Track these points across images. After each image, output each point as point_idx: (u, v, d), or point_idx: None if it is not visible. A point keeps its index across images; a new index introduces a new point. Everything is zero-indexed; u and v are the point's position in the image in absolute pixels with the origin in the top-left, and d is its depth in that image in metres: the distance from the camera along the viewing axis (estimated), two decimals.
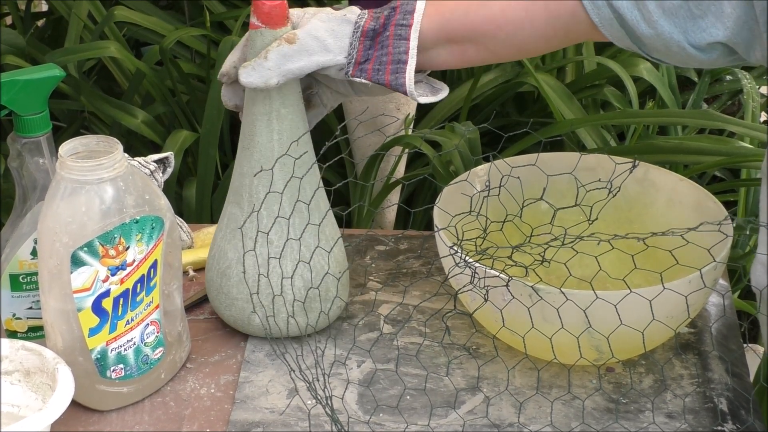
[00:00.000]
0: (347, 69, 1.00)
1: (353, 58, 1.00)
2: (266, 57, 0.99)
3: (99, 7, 1.99)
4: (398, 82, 0.99)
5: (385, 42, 1.00)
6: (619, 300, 0.93)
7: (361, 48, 1.00)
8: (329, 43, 1.00)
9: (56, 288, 0.97)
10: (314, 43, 1.00)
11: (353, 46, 1.00)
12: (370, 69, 1.00)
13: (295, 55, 0.99)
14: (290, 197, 1.05)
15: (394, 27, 1.00)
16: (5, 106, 1.01)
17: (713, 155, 1.76)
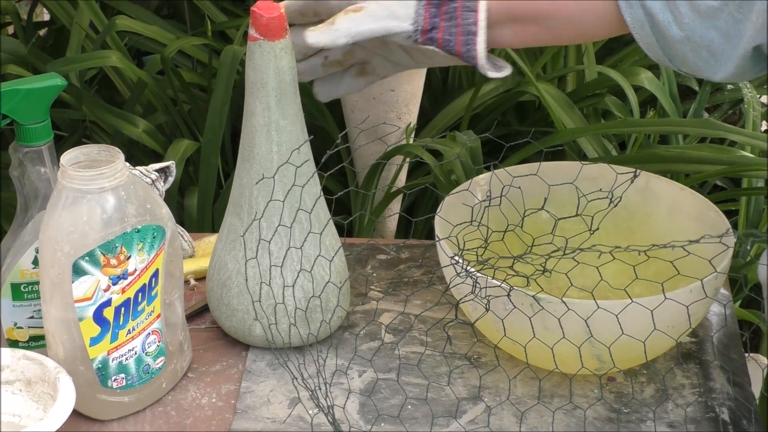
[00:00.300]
0: (416, 36, 1.00)
1: (420, 26, 1.00)
2: (333, 22, 1.00)
3: (101, 16, 1.99)
4: (470, 54, 0.99)
5: (453, 13, 0.99)
6: (621, 310, 0.93)
7: (427, 16, 1.00)
8: (395, 9, 1.00)
9: (57, 297, 0.97)
10: (381, 9, 1.00)
11: (419, 14, 1.00)
12: (441, 38, 1.00)
13: (362, 19, 1.00)
14: (290, 207, 1.05)
15: (462, 6, 1.00)
16: (7, 115, 1.01)
17: (714, 164, 1.76)
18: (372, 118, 1.79)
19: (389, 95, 1.78)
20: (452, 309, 1.10)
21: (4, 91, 1.01)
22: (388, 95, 1.78)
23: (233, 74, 1.81)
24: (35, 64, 1.96)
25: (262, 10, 1.01)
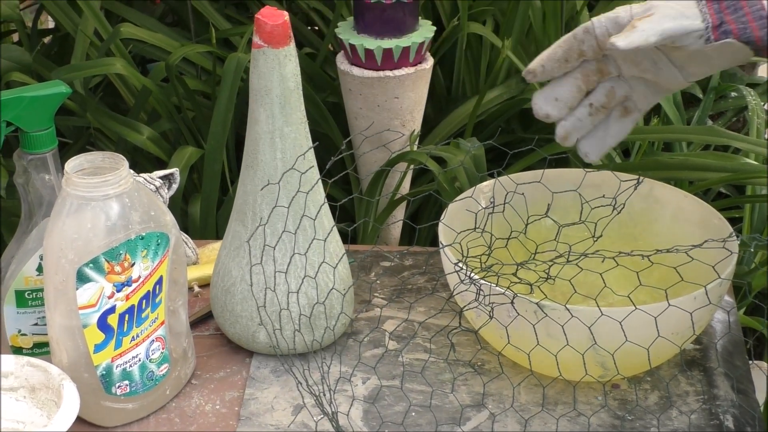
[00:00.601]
0: (707, 34, 0.97)
1: (709, 23, 0.97)
2: (634, 26, 0.97)
3: (105, 24, 1.99)
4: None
5: (736, 5, 0.96)
6: (624, 317, 0.93)
7: (712, 12, 0.97)
8: (683, 10, 0.97)
9: (62, 304, 0.97)
10: (671, 10, 0.97)
11: (704, 12, 0.97)
12: (735, 29, 0.96)
13: (659, 20, 0.97)
14: (294, 214, 1.05)
15: None
16: (11, 123, 1.02)
17: (718, 171, 1.75)
18: (376, 125, 1.79)
19: (393, 102, 1.78)
20: (456, 316, 1.10)
21: (8, 99, 1.01)
22: (392, 102, 1.78)
23: (237, 81, 1.81)
24: (40, 72, 1.96)
25: (266, 18, 1.01)
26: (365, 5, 1.75)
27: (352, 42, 1.76)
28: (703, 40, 0.97)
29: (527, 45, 2.04)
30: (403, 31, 1.77)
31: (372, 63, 1.76)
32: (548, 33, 2.01)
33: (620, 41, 0.96)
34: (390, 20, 1.75)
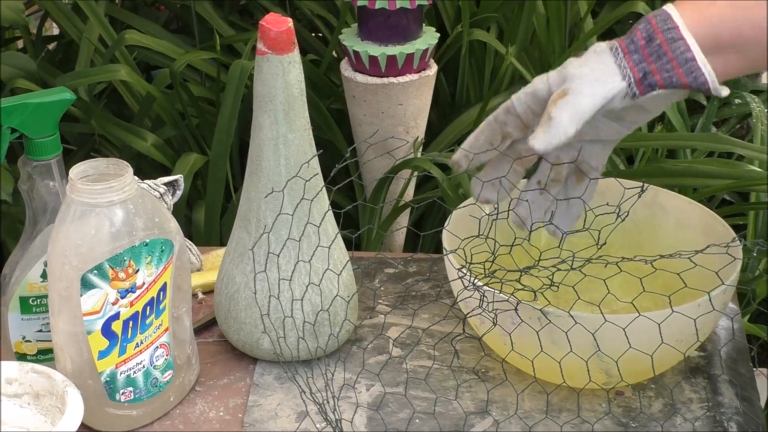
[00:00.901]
0: (633, 90, 0.92)
1: (631, 79, 0.92)
2: (550, 117, 0.92)
3: (110, 30, 2.00)
4: (699, 80, 0.91)
5: (659, 50, 0.92)
6: (628, 323, 0.93)
7: (632, 65, 0.92)
8: (598, 75, 0.93)
9: (66, 311, 0.97)
10: (585, 83, 0.93)
11: (623, 68, 0.93)
12: (660, 78, 0.92)
13: (575, 99, 0.92)
14: (299, 220, 1.05)
15: (661, 33, 0.92)
16: (16, 129, 1.02)
17: (722, 179, 1.75)
18: (380, 132, 1.80)
19: (397, 109, 1.79)
20: (460, 323, 1.10)
21: (13, 105, 1.01)
22: (396, 109, 1.79)
23: (241, 88, 1.81)
24: (44, 79, 1.97)
25: (270, 24, 1.02)
26: (369, 12, 1.75)
27: (356, 49, 1.77)
28: (629, 97, 0.93)
29: (531, 51, 2.04)
30: (407, 37, 1.77)
31: (376, 70, 1.76)
32: (552, 39, 2.01)
33: (538, 143, 0.92)
34: (394, 27, 1.76)
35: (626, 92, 0.93)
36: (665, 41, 0.92)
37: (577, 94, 0.92)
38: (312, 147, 1.06)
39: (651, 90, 0.93)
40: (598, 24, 1.99)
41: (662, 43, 0.92)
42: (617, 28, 2.18)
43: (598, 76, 0.93)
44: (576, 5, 2.05)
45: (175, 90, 1.91)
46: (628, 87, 0.93)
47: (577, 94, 0.92)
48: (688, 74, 0.92)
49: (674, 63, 0.92)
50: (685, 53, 0.92)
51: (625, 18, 2.12)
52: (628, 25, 2.19)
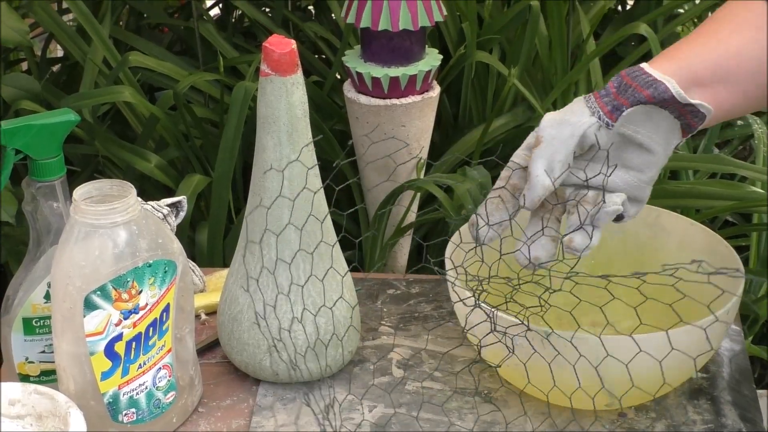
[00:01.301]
0: (604, 120, 0.96)
1: (600, 112, 0.97)
2: (530, 172, 0.96)
3: (114, 52, 2.00)
4: (659, 90, 0.95)
5: (625, 86, 0.97)
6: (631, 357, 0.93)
7: (601, 104, 0.97)
8: (567, 117, 0.97)
9: (69, 331, 0.97)
10: (556, 127, 0.97)
11: (592, 106, 0.97)
12: (626, 102, 0.96)
13: (548, 146, 0.96)
14: (301, 244, 1.05)
15: (628, 77, 0.97)
16: (20, 151, 1.02)
17: (724, 200, 1.75)
18: (382, 152, 1.80)
19: (400, 130, 1.79)
20: (465, 342, 1.10)
21: (17, 127, 1.01)
22: (399, 130, 1.79)
23: (245, 109, 1.81)
24: (49, 100, 1.97)
25: (273, 46, 1.02)
26: (372, 33, 1.76)
27: (359, 70, 1.77)
28: (603, 128, 0.97)
29: (534, 73, 2.05)
30: (410, 59, 1.77)
31: (379, 91, 1.77)
32: (554, 61, 2.02)
33: (525, 202, 0.97)
34: (397, 48, 1.76)
35: (598, 124, 0.97)
36: (631, 79, 0.97)
37: (548, 141, 0.97)
38: (315, 169, 1.06)
39: (620, 112, 0.96)
40: (601, 45, 1.99)
41: (628, 81, 0.97)
42: (619, 49, 2.18)
43: (568, 118, 0.97)
44: (578, 27, 2.06)
45: (179, 111, 1.92)
46: (599, 120, 0.97)
47: (548, 142, 0.97)
48: (648, 87, 0.96)
49: (637, 87, 0.96)
50: (646, 78, 0.96)
51: (627, 40, 2.13)
52: (630, 47, 2.19)
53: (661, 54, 1.00)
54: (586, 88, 2.02)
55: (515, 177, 1.00)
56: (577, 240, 0.97)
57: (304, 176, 1.05)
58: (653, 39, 1.87)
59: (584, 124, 0.97)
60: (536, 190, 0.96)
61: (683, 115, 0.97)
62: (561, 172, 0.97)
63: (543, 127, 0.98)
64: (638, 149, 0.98)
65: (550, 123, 0.98)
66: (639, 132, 0.97)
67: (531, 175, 0.96)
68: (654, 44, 1.86)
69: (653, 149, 0.98)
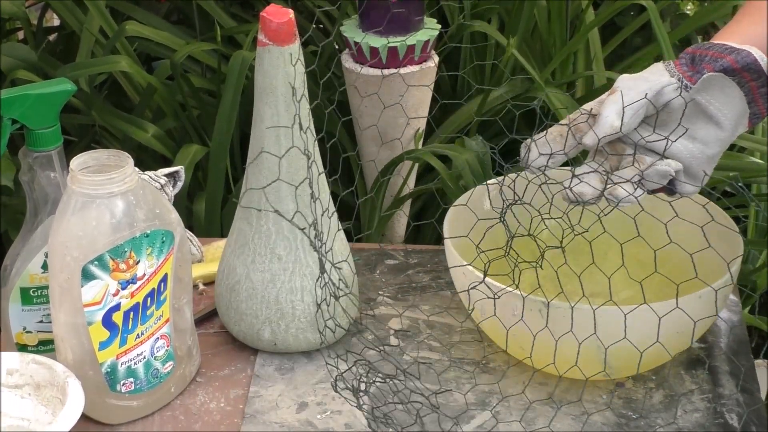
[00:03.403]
0: (681, 84, 0.97)
1: (680, 76, 0.97)
2: (600, 113, 0.97)
3: (110, 21, 1.99)
4: (745, 58, 0.96)
5: (702, 56, 0.97)
6: (629, 311, 0.93)
7: (681, 69, 0.98)
8: (647, 76, 0.98)
9: (67, 302, 0.97)
10: (632, 82, 0.98)
11: (671, 70, 0.98)
12: (707, 66, 0.97)
13: (621, 96, 0.97)
14: (299, 212, 1.05)
15: (702, 50, 0.98)
16: (17, 120, 1.02)
17: (724, 170, 1.75)
18: (381, 123, 1.79)
19: (398, 101, 1.78)
20: (461, 314, 1.10)
21: (13, 97, 1.01)
22: (397, 101, 1.78)
23: (242, 79, 1.81)
24: (45, 70, 1.97)
25: (271, 16, 1.01)
26: (370, 3, 1.75)
27: (357, 40, 1.76)
28: (681, 89, 0.97)
29: (532, 43, 2.04)
30: (408, 29, 1.77)
31: (377, 61, 1.76)
32: (553, 31, 2.01)
33: (587, 138, 0.97)
34: (395, 18, 1.75)
35: (677, 85, 0.97)
36: (704, 50, 0.98)
37: (625, 91, 0.97)
38: (313, 138, 1.06)
39: (700, 75, 0.96)
40: (600, 16, 1.99)
41: (702, 53, 0.98)
42: (618, 19, 2.17)
43: (647, 76, 0.98)
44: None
45: (176, 81, 1.91)
46: (678, 81, 0.97)
47: (624, 91, 0.97)
48: (731, 53, 0.96)
49: (716, 54, 0.97)
50: (723, 45, 0.97)
51: (626, 10, 2.12)
52: (629, 17, 2.18)
53: (718, 34, 1.00)
54: (585, 58, 2.01)
55: (581, 120, 0.99)
56: (620, 191, 0.97)
57: (302, 147, 1.05)
58: (652, 9, 1.86)
59: (661, 82, 0.97)
60: (603, 129, 0.96)
61: (755, 101, 0.97)
62: (630, 120, 0.96)
63: (620, 81, 0.98)
64: (708, 121, 0.98)
65: (628, 77, 0.98)
66: (712, 103, 0.97)
67: (601, 116, 0.96)
68: (653, 14, 1.85)
69: (723, 124, 0.98)
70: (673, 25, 2.15)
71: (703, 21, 2.03)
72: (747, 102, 0.97)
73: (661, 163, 0.97)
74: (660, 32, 1.84)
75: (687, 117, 0.98)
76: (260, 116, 1.05)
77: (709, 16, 2.03)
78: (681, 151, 0.98)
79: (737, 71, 0.96)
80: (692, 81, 0.97)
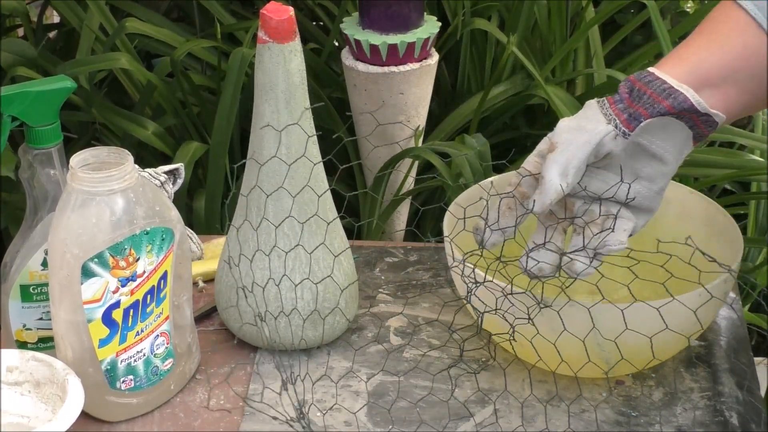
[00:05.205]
0: (620, 129, 0.95)
1: (617, 121, 0.95)
2: (543, 177, 0.95)
3: (110, 19, 1.99)
4: (679, 100, 0.94)
5: (639, 93, 0.96)
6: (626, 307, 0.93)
7: (616, 111, 0.96)
8: (583, 124, 0.96)
9: (66, 299, 0.97)
10: (572, 133, 0.96)
11: (607, 113, 0.96)
12: (644, 112, 0.95)
13: (563, 152, 0.95)
14: (299, 209, 1.05)
15: (639, 82, 0.96)
16: (17, 118, 1.02)
17: (723, 168, 1.75)
18: (381, 121, 1.79)
19: (398, 98, 1.78)
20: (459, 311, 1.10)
21: (13, 94, 1.01)
22: (397, 98, 1.78)
23: (242, 77, 1.81)
24: (45, 67, 1.97)
25: (271, 13, 1.01)
26: (370, 1, 1.75)
27: (357, 37, 1.76)
28: (620, 137, 0.95)
29: (532, 41, 2.04)
30: (408, 26, 1.77)
31: (377, 59, 1.76)
32: (553, 29, 2.01)
33: (535, 206, 0.95)
34: (395, 16, 1.75)
35: (615, 133, 0.95)
36: (643, 85, 0.96)
37: (564, 147, 0.95)
38: (313, 136, 1.06)
39: (638, 122, 0.95)
40: (600, 13, 1.99)
41: (641, 87, 0.96)
42: (618, 17, 2.17)
43: (584, 125, 0.96)
44: None
45: (176, 78, 1.91)
46: (615, 128, 0.96)
47: (563, 147, 0.95)
48: (668, 97, 0.94)
49: (653, 95, 0.95)
50: (661, 86, 0.95)
51: (626, 8, 2.12)
52: (629, 14, 2.18)
53: (667, 57, 0.98)
54: (585, 55, 2.01)
55: (524, 184, 0.98)
56: (578, 265, 0.96)
57: (302, 144, 1.05)
58: (653, 7, 1.86)
59: (601, 132, 0.95)
60: (548, 194, 0.95)
61: (696, 125, 0.96)
62: (574, 179, 0.95)
63: (558, 133, 0.96)
64: (651, 159, 0.97)
65: (566, 129, 0.96)
66: (654, 143, 0.96)
67: (544, 179, 0.95)
68: (654, 12, 1.86)
69: (666, 159, 0.97)
70: (673, 23, 2.15)
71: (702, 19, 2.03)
72: (689, 127, 0.96)
73: (614, 242, 0.96)
74: (660, 30, 1.84)
75: (629, 158, 0.97)
76: (260, 113, 1.05)
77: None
78: (639, 196, 0.98)
79: (674, 115, 0.95)
80: (629, 127, 0.95)
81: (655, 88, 0.95)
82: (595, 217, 0.98)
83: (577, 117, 0.98)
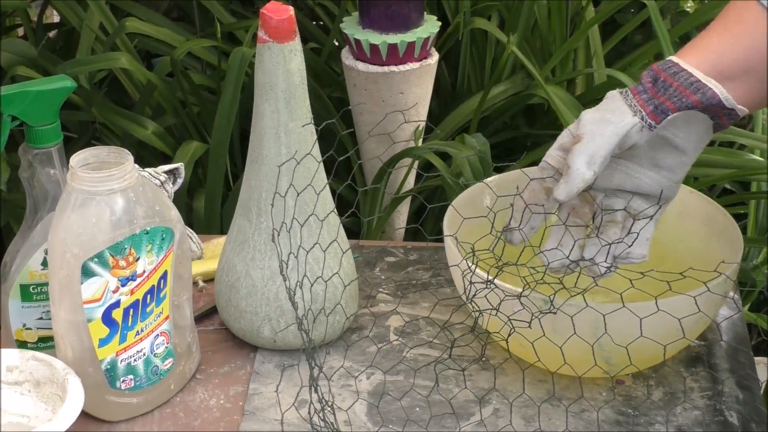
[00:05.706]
0: (647, 122, 0.95)
1: (642, 113, 0.95)
2: (568, 166, 0.95)
3: (110, 18, 1.99)
4: (707, 95, 0.94)
5: (664, 84, 0.95)
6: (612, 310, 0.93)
7: (642, 102, 0.95)
8: (608, 116, 0.96)
9: (66, 299, 0.97)
10: (597, 125, 0.96)
11: (633, 105, 0.96)
12: (671, 104, 0.95)
13: (589, 143, 0.95)
14: (299, 209, 1.05)
15: (664, 72, 0.96)
16: (17, 117, 1.02)
17: (723, 168, 1.75)
18: (381, 121, 1.79)
19: (398, 98, 1.78)
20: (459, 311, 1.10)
21: (13, 93, 1.01)
22: (397, 98, 1.78)
23: (242, 76, 1.81)
24: (45, 66, 1.96)
25: (271, 12, 1.01)
26: (370, 1, 1.75)
27: (357, 37, 1.76)
28: (646, 129, 0.96)
29: (532, 41, 2.04)
30: (408, 26, 1.77)
31: (377, 58, 1.76)
32: (553, 28, 2.01)
33: (559, 193, 0.95)
34: (395, 15, 1.75)
35: (641, 125, 0.95)
36: (668, 76, 0.95)
37: (590, 138, 0.95)
38: (313, 135, 1.06)
39: (665, 115, 0.95)
40: (600, 13, 1.98)
41: (666, 78, 0.95)
42: (618, 16, 2.17)
43: (609, 117, 0.96)
44: None
45: (176, 78, 1.91)
46: (641, 120, 0.95)
47: (589, 138, 0.95)
48: (696, 92, 0.94)
49: (680, 89, 0.95)
50: (688, 78, 0.95)
51: (626, 7, 2.12)
52: (629, 14, 2.18)
53: (687, 47, 0.98)
54: (585, 55, 2.01)
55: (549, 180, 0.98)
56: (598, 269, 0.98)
57: (302, 144, 1.05)
58: (653, 6, 1.86)
59: (627, 123, 0.95)
60: (575, 183, 0.95)
61: (718, 116, 0.97)
62: (600, 169, 0.95)
63: (584, 124, 0.96)
64: (672, 150, 0.97)
65: (591, 120, 0.96)
66: (677, 135, 0.96)
67: (570, 168, 0.95)
68: (654, 12, 1.85)
69: (687, 151, 0.97)
70: (673, 23, 2.15)
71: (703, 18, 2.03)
72: (710, 117, 0.96)
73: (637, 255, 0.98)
74: (660, 30, 1.84)
75: (652, 148, 0.97)
76: (260, 113, 1.05)
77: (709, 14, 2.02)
78: (648, 183, 0.98)
79: (701, 109, 0.95)
80: (656, 120, 0.95)
81: (682, 81, 0.95)
82: (616, 217, 0.98)
83: (600, 108, 0.97)
